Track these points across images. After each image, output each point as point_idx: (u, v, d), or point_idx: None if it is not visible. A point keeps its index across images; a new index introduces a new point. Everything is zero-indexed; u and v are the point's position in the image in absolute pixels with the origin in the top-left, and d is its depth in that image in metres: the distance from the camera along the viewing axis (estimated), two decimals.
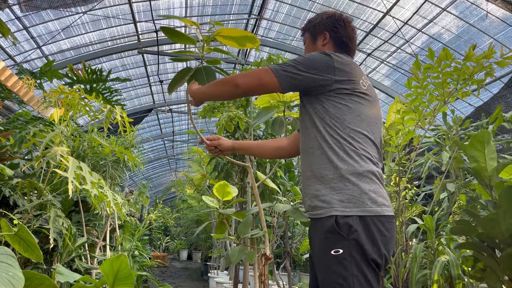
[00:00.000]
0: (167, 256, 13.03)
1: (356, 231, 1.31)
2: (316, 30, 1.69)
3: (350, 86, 1.45)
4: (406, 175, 3.30)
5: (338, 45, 1.65)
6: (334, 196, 1.37)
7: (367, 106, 1.47)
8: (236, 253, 2.27)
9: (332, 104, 1.45)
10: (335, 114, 1.44)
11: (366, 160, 1.40)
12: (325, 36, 1.66)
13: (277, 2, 8.27)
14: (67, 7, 6.91)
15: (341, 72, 1.45)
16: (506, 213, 2.02)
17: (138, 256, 4.71)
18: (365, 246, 1.31)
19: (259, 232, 2.31)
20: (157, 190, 21.00)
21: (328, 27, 1.65)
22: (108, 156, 3.64)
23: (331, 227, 1.33)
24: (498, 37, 6.84)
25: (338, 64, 1.45)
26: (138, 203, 9.61)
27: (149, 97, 11.80)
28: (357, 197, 1.35)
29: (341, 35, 1.64)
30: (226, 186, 2.54)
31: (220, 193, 2.55)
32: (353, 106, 1.44)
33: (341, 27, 1.65)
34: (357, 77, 1.47)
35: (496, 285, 2.25)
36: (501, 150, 4.23)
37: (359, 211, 1.33)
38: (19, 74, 3.86)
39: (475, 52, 2.73)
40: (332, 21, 1.65)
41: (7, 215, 2.34)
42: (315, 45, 1.69)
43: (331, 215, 1.35)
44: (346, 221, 1.32)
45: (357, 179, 1.37)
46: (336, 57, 1.47)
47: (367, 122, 1.45)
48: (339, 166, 1.38)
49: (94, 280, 1.91)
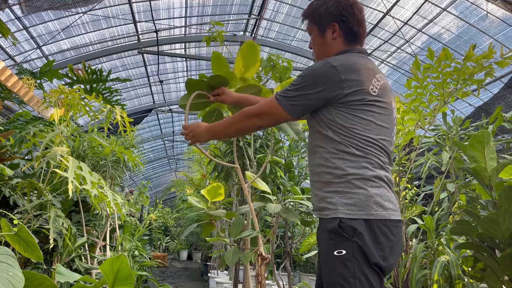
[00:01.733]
0: (167, 256, 13.02)
1: (360, 234, 1.30)
2: (322, 21, 1.57)
3: (360, 97, 1.39)
4: (406, 175, 3.30)
5: (349, 36, 1.55)
6: (341, 200, 1.36)
7: (377, 113, 1.41)
8: (231, 255, 2.26)
9: (341, 114, 1.40)
10: (343, 123, 1.40)
11: (374, 165, 1.38)
12: (334, 27, 1.55)
13: (277, 2, 8.27)
14: (68, 7, 6.91)
15: (349, 83, 1.38)
16: (506, 213, 2.01)
17: (138, 256, 4.71)
18: (369, 249, 1.30)
19: (252, 233, 2.29)
20: (157, 190, 21.00)
21: (336, 17, 1.54)
22: (108, 156, 3.64)
23: (335, 228, 1.33)
24: (498, 37, 6.84)
25: (345, 75, 1.38)
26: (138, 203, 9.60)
27: (149, 97, 11.80)
28: (363, 200, 1.34)
29: (351, 24, 1.53)
30: (219, 188, 2.50)
31: (211, 194, 2.51)
32: (362, 115, 1.39)
33: (349, 14, 1.53)
34: (366, 84, 1.40)
35: (496, 285, 2.25)
36: (501, 150, 4.23)
37: (364, 214, 1.33)
38: (19, 74, 3.86)
39: (475, 52, 2.73)
40: (339, 9, 1.53)
41: (7, 215, 2.34)
42: (324, 39, 1.58)
43: (336, 217, 1.35)
44: (351, 224, 1.32)
45: (364, 184, 1.36)
46: (341, 67, 1.39)
47: (377, 129, 1.42)
48: (347, 171, 1.37)
49: (94, 280, 1.91)
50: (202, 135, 1.72)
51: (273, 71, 3.28)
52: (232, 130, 1.63)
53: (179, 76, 11.43)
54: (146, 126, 13.60)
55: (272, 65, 3.28)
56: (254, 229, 2.28)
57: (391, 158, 1.49)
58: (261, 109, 1.52)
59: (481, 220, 2.13)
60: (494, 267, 2.22)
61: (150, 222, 11.18)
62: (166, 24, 8.58)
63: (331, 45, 1.56)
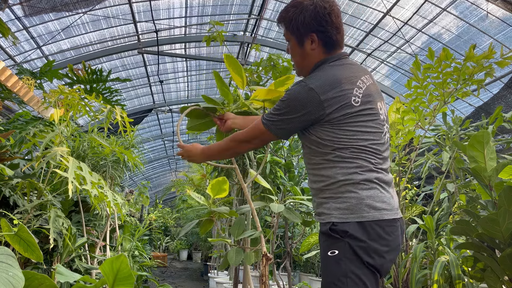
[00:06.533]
0: (167, 256, 13.02)
1: (352, 235, 1.35)
2: (300, 33, 1.54)
3: (343, 113, 1.40)
4: (406, 175, 3.30)
5: (328, 45, 1.53)
6: (334, 204, 1.42)
7: (362, 122, 1.43)
8: (234, 255, 2.25)
9: (326, 131, 1.43)
10: (330, 139, 1.43)
11: (363, 169, 1.41)
12: (312, 38, 1.52)
13: (277, 2, 8.27)
14: (69, 9, 6.91)
15: (330, 101, 1.39)
16: (506, 213, 2.02)
17: (138, 256, 4.71)
18: (361, 249, 1.34)
19: (254, 233, 2.29)
20: (157, 190, 20.99)
21: (314, 28, 1.51)
22: (108, 156, 3.64)
23: (327, 231, 1.40)
24: (498, 37, 6.84)
25: (325, 95, 1.39)
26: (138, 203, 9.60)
27: (149, 97, 11.80)
28: (355, 204, 1.38)
29: (329, 33, 1.51)
30: (224, 183, 2.45)
31: (215, 190, 2.47)
32: (347, 128, 1.41)
33: (327, 23, 1.50)
34: (347, 97, 1.40)
35: (496, 285, 2.25)
36: (501, 150, 4.23)
37: (356, 217, 1.37)
38: (19, 74, 3.86)
39: (475, 52, 2.73)
40: (317, 19, 1.49)
41: (7, 215, 2.34)
42: (303, 50, 1.56)
43: (329, 221, 1.41)
44: (343, 227, 1.37)
45: (354, 188, 1.40)
46: (320, 88, 1.39)
47: (365, 136, 1.43)
48: (337, 178, 1.42)
49: (94, 280, 1.91)
50: (197, 157, 1.82)
51: (273, 71, 3.29)
52: (226, 154, 1.75)
53: (179, 76, 11.43)
54: (146, 126, 13.60)
55: (272, 65, 3.28)
56: (256, 229, 2.27)
57: (385, 156, 1.50)
58: (250, 135, 1.60)
59: (481, 220, 2.13)
60: (494, 267, 2.22)
61: (150, 222, 11.17)
62: (166, 24, 8.58)
63: (310, 56, 1.56)
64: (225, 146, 1.68)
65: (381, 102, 1.54)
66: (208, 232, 9.20)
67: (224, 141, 1.68)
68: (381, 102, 1.53)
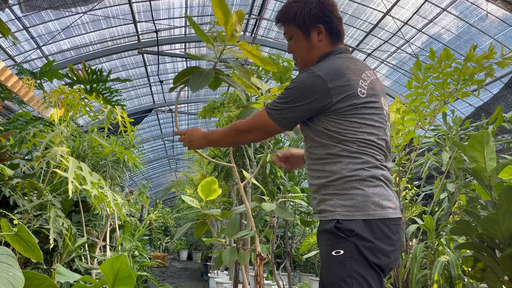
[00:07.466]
0: (167, 256, 13.03)
1: (358, 234, 1.31)
2: (307, 24, 1.52)
3: (349, 103, 1.38)
4: (406, 175, 3.30)
5: (334, 36, 1.54)
6: (339, 201, 1.37)
7: (368, 115, 1.41)
8: (228, 255, 2.24)
9: (332, 121, 1.40)
10: (335, 130, 1.40)
11: (369, 165, 1.39)
12: (319, 29, 1.52)
13: (277, 2, 8.27)
14: (67, 7, 6.91)
15: (337, 90, 1.37)
16: (506, 213, 2.01)
17: (138, 256, 4.71)
18: (367, 248, 1.31)
19: (249, 233, 2.28)
20: (157, 190, 20.99)
21: (320, 18, 1.51)
22: (108, 156, 3.64)
23: (332, 229, 1.35)
24: (498, 37, 6.84)
25: (332, 83, 1.37)
26: (138, 203, 9.60)
27: (149, 97, 11.80)
28: (361, 201, 1.34)
29: (334, 24, 1.52)
30: (213, 184, 2.42)
31: (205, 192, 2.42)
32: (353, 119, 1.39)
33: (331, 13, 1.52)
34: (354, 87, 1.39)
35: (496, 285, 2.25)
36: (501, 150, 4.23)
37: (362, 215, 1.33)
38: (19, 74, 3.86)
39: (475, 52, 2.73)
40: (322, 9, 1.50)
41: (7, 215, 2.34)
42: (310, 42, 1.54)
43: (334, 218, 1.36)
44: (348, 225, 1.33)
45: (360, 185, 1.36)
46: (327, 75, 1.38)
47: (370, 129, 1.41)
48: (342, 174, 1.38)
49: (94, 280, 1.91)
50: (198, 141, 1.71)
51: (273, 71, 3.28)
52: (227, 142, 1.69)
53: None
54: (146, 126, 13.60)
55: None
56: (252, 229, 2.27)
57: (387, 154, 1.49)
58: (252, 124, 1.53)
59: (481, 220, 2.13)
60: (494, 267, 2.22)
61: (150, 222, 11.18)
62: (166, 24, 8.59)
63: (317, 48, 1.54)
64: (226, 133, 1.61)
65: (384, 98, 1.53)
66: (208, 231, 9.21)
67: (226, 129, 1.62)
68: (384, 99, 1.53)
